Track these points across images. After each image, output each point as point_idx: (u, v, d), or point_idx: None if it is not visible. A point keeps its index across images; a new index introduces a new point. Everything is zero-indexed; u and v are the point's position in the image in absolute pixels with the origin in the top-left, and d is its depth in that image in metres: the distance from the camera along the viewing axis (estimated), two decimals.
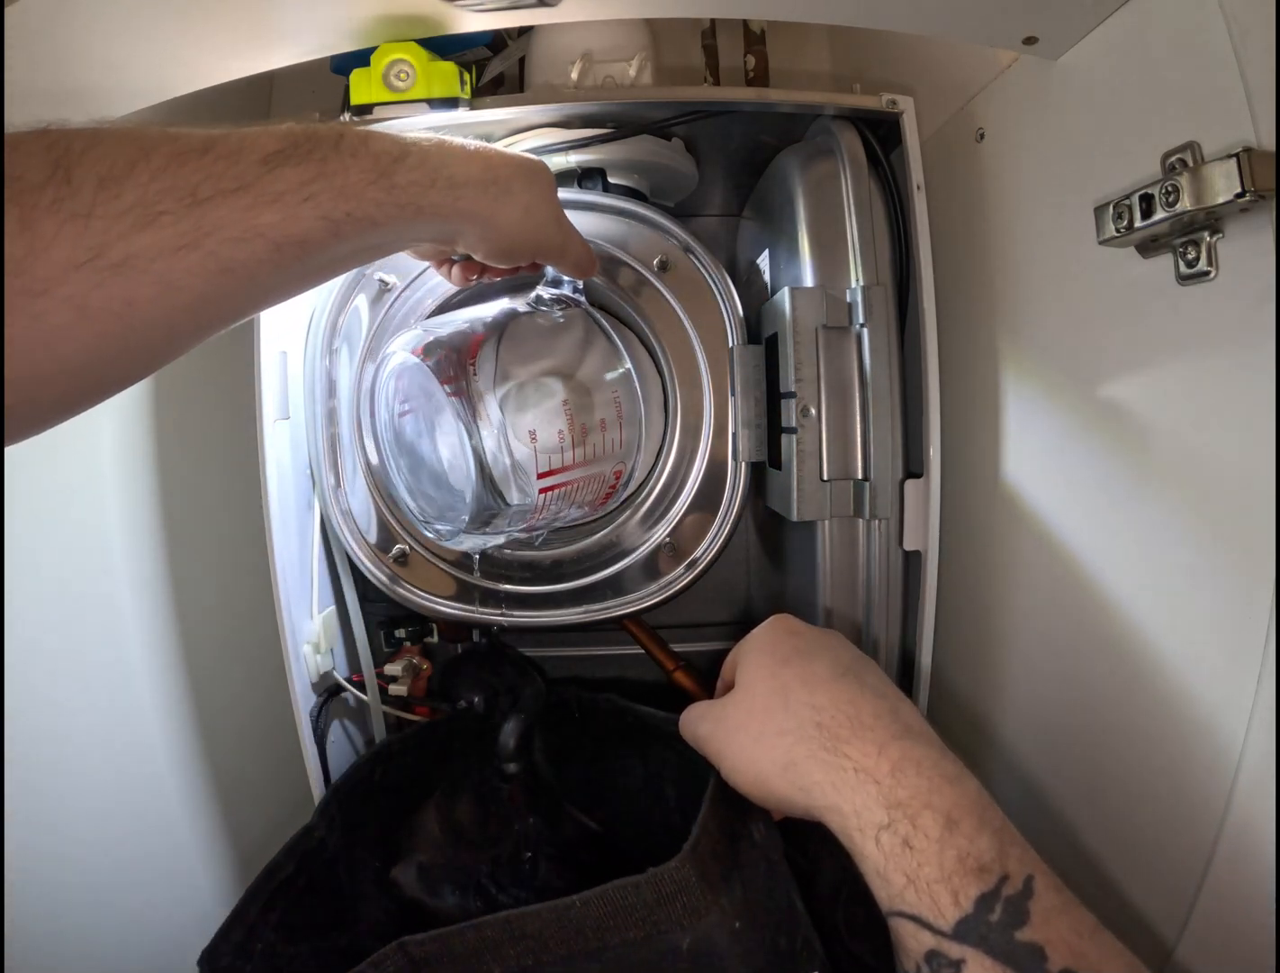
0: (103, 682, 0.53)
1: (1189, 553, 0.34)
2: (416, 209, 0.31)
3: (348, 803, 0.49)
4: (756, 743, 0.34)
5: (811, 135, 0.53)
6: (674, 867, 0.33)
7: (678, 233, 0.50)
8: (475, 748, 0.55)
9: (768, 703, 0.35)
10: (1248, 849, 0.31)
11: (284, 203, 0.27)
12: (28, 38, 0.37)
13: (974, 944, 0.25)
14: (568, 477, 0.45)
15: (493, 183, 0.34)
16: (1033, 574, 0.46)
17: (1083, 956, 0.25)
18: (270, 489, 0.50)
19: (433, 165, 0.32)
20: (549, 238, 0.39)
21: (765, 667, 0.37)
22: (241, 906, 0.40)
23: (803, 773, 0.31)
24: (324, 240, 0.28)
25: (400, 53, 0.45)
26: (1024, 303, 0.45)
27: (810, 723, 0.32)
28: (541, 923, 0.33)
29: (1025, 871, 0.27)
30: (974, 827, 0.28)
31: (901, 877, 0.27)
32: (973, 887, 0.26)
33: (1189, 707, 0.34)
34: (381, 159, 0.30)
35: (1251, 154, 0.29)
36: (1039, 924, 0.25)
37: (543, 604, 0.52)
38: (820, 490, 0.46)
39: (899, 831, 0.28)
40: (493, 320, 0.45)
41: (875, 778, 0.29)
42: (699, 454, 0.50)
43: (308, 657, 0.53)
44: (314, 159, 0.28)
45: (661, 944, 0.33)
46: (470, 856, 0.53)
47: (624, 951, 0.33)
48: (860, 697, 0.33)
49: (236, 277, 0.26)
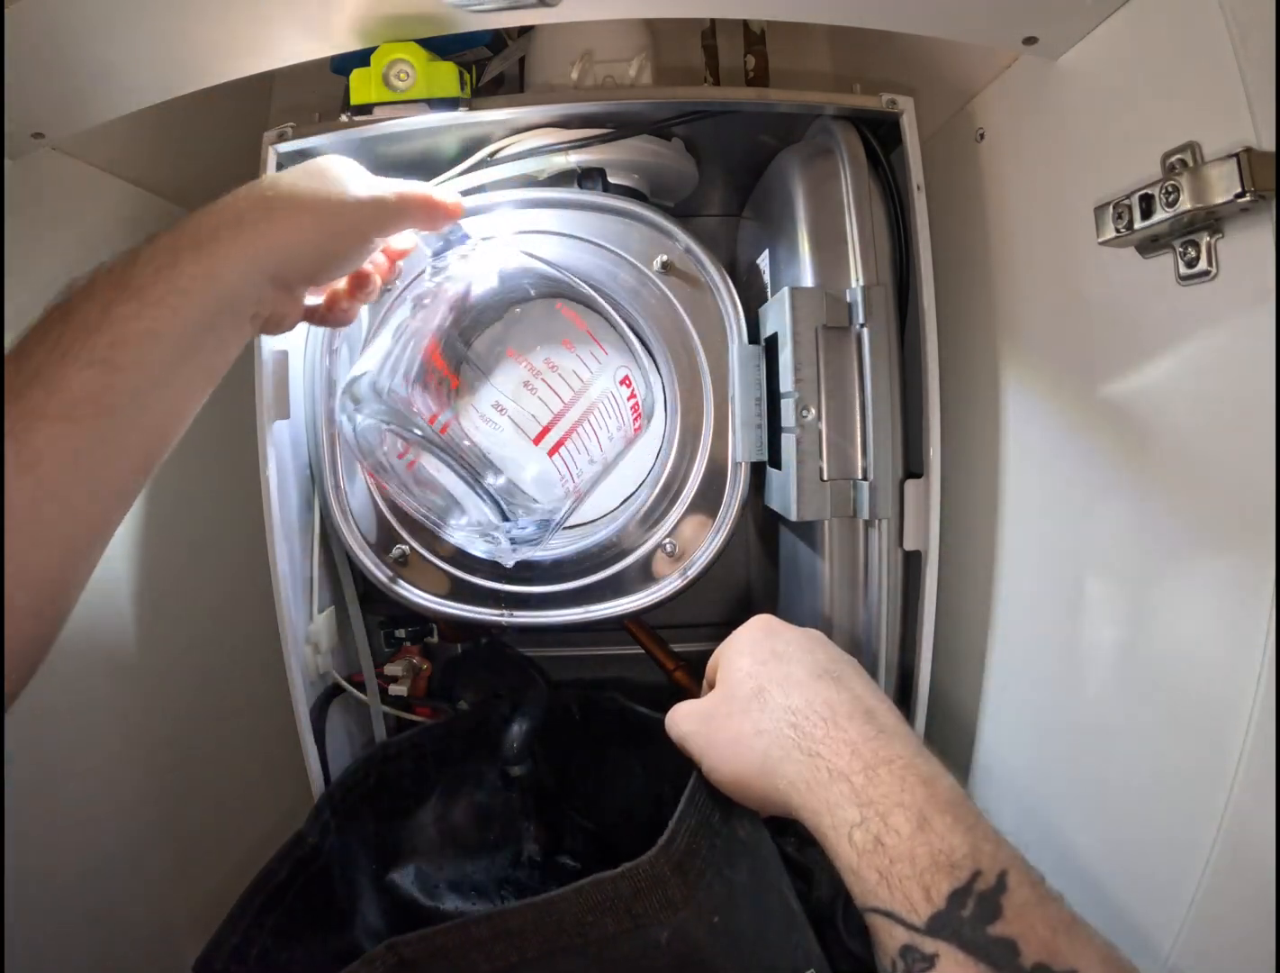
0: (102, 682, 0.53)
1: (1189, 552, 0.34)
2: (173, 311, 0.30)
3: (342, 808, 0.49)
4: (735, 743, 0.34)
5: (811, 135, 0.53)
6: (648, 861, 0.34)
7: (678, 233, 0.50)
8: (474, 751, 0.55)
9: (746, 704, 0.35)
10: (1248, 850, 0.31)
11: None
12: (28, 38, 0.37)
13: (947, 939, 0.25)
14: (568, 422, 0.44)
15: (242, 217, 0.32)
16: (1032, 574, 0.46)
17: (1056, 951, 0.25)
18: (270, 489, 0.50)
19: (161, 262, 0.30)
20: (364, 220, 0.36)
21: (743, 668, 0.37)
22: (235, 912, 0.41)
23: (778, 773, 0.32)
24: None
25: (400, 53, 0.45)
26: (1024, 303, 0.45)
27: (786, 724, 0.33)
28: (523, 920, 0.34)
29: (999, 866, 0.27)
30: (946, 825, 0.28)
31: (874, 873, 0.28)
32: (945, 882, 0.26)
33: (1188, 706, 0.34)
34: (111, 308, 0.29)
35: (1251, 154, 0.29)
36: (1012, 919, 0.25)
37: (543, 604, 0.52)
38: (820, 490, 0.46)
39: (871, 828, 0.28)
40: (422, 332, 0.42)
41: (848, 777, 0.30)
42: (699, 454, 0.50)
43: (308, 657, 0.53)
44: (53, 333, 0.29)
45: (642, 938, 0.34)
46: (469, 859, 0.53)
47: (605, 946, 0.34)
48: (836, 698, 0.34)
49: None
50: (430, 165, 0.53)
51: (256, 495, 0.50)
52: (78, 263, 0.52)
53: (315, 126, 0.50)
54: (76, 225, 0.52)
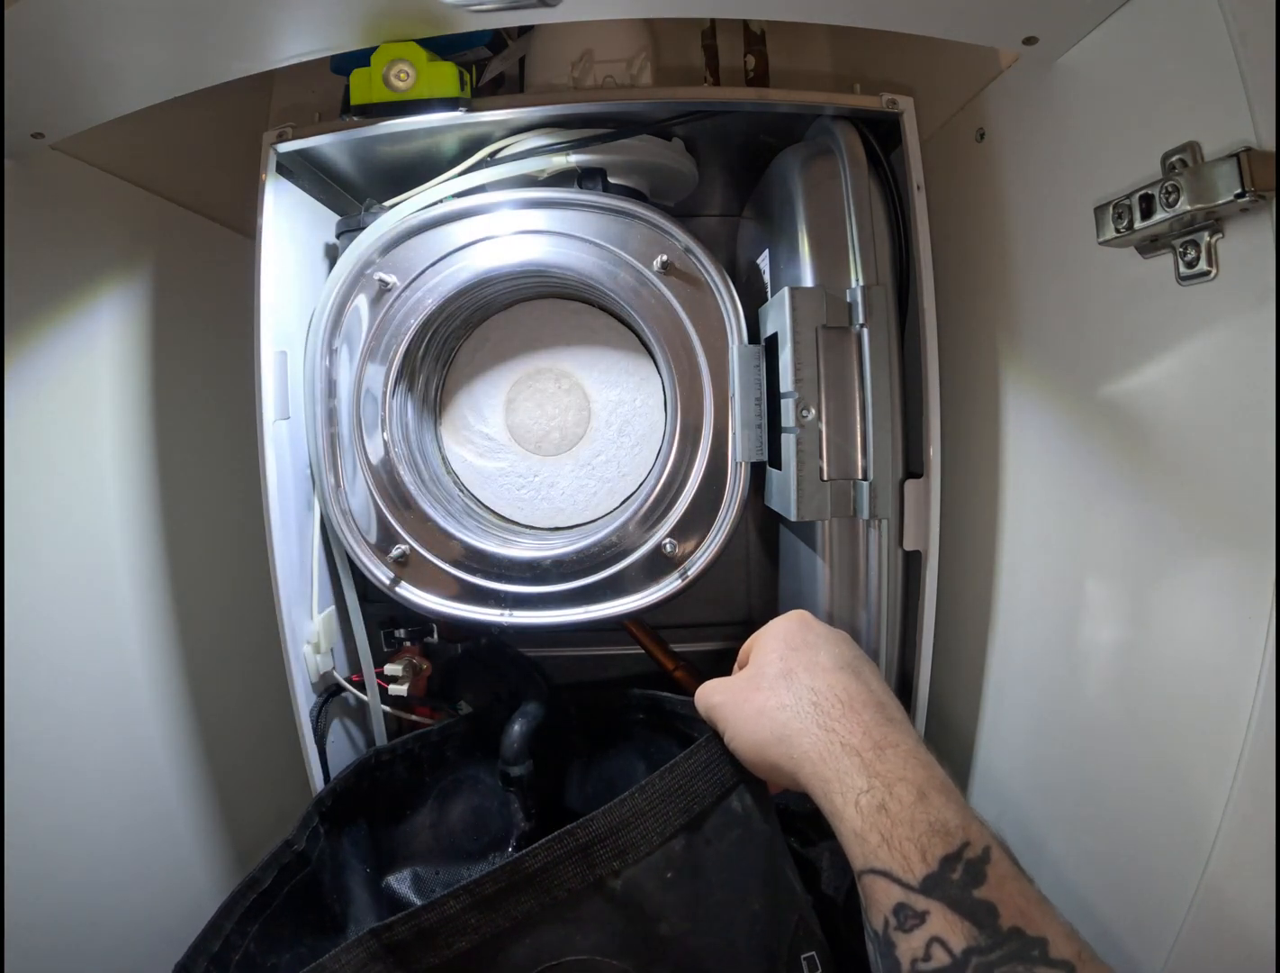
0: (103, 682, 0.53)
1: (1189, 552, 0.34)
2: None
3: (332, 814, 0.49)
4: (759, 714, 0.37)
5: (811, 135, 0.53)
6: (603, 812, 0.36)
7: (678, 233, 0.50)
8: (470, 755, 0.55)
9: (774, 682, 0.39)
10: (1247, 850, 0.31)
11: None
12: (28, 38, 0.36)
13: (938, 898, 0.28)
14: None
15: None
16: (1032, 573, 0.46)
17: (1030, 918, 0.28)
18: (270, 489, 0.50)
19: None
20: None
21: (776, 650, 0.41)
22: (216, 919, 0.41)
23: (795, 745, 0.35)
24: None
25: (400, 53, 0.45)
26: (1024, 303, 0.45)
27: (808, 702, 0.36)
28: (496, 885, 0.35)
29: (984, 841, 0.30)
30: (942, 801, 0.31)
31: (877, 835, 0.31)
32: (939, 847, 0.30)
33: (1189, 706, 0.34)
34: None
35: (1251, 154, 0.29)
36: (994, 886, 0.29)
37: (543, 604, 0.52)
38: (820, 490, 0.46)
39: (876, 795, 0.31)
40: None
41: (859, 752, 0.33)
42: (699, 454, 0.50)
43: (308, 657, 0.54)
44: None
45: (601, 893, 0.36)
46: (465, 862, 0.53)
47: (572, 905, 0.36)
48: (854, 687, 0.37)
49: None
50: (430, 165, 0.53)
51: (256, 496, 0.50)
52: (78, 263, 0.52)
53: (315, 126, 0.50)
54: (76, 225, 0.52)
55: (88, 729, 0.52)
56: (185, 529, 0.61)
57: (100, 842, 0.51)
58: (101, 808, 0.52)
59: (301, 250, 0.55)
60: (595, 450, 0.58)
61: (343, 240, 0.56)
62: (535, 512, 0.59)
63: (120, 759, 0.54)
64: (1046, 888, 0.30)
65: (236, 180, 0.58)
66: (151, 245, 0.59)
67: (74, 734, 0.51)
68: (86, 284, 0.53)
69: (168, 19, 0.37)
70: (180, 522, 0.60)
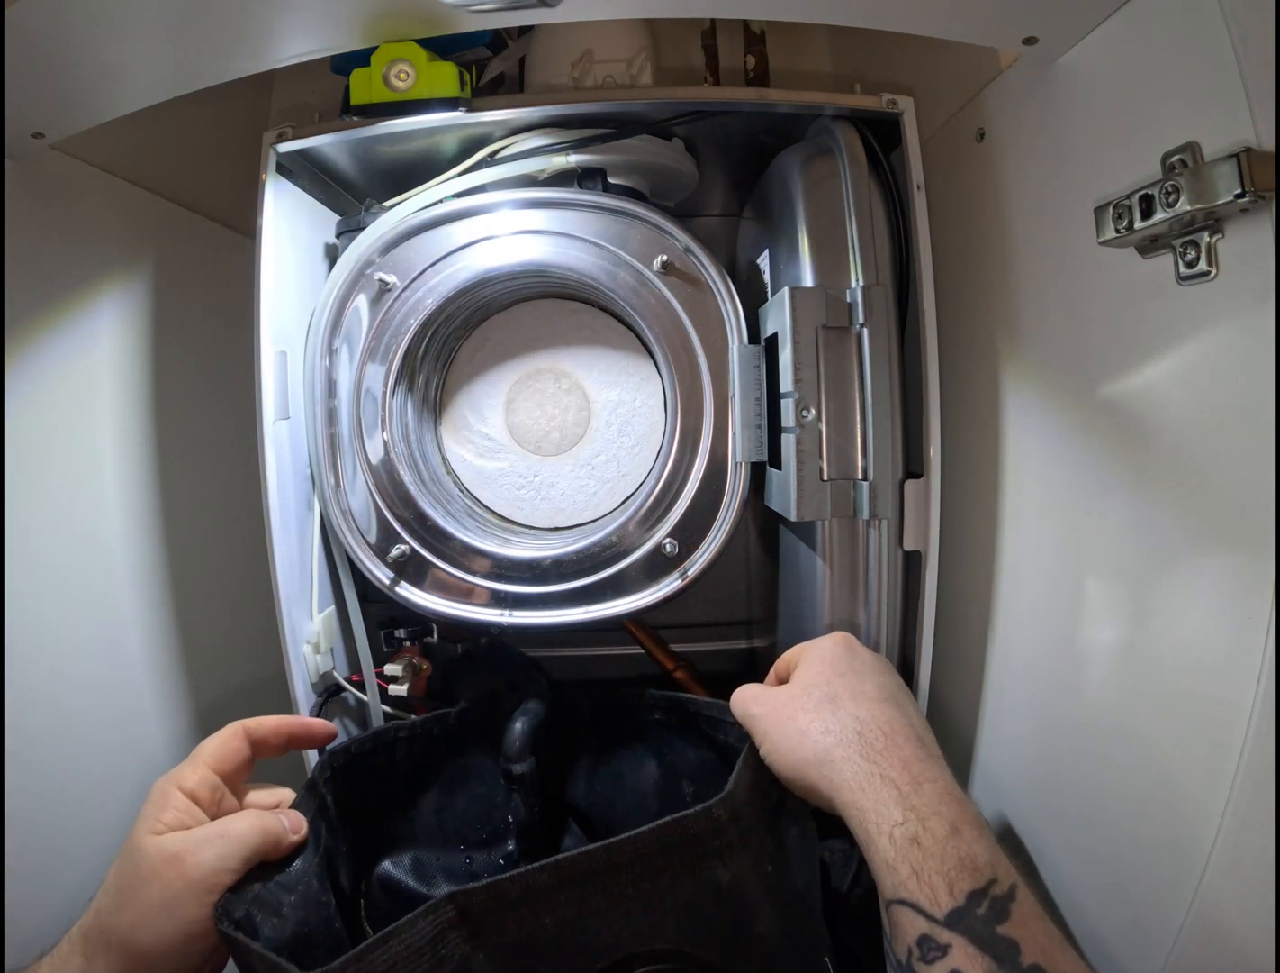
0: (103, 682, 0.53)
1: (1189, 552, 0.34)
2: None
3: (343, 773, 0.48)
4: (802, 735, 0.38)
5: (811, 135, 0.53)
6: (707, 808, 0.36)
7: (678, 233, 0.50)
8: (481, 743, 0.55)
9: (819, 704, 0.39)
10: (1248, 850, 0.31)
11: None
12: (28, 38, 0.36)
13: (961, 932, 0.29)
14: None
15: None
16: (1032, 573, 0.46)
17: (1051, 957, 0.28)
18: (270, 489, 0.50)
19: None
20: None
21: (823, 673, 0.41)
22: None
23: (836, 770, 0.36)
24: None
25: (400, 53, 0.45)
26: (1024, 303, 0.45)
27: (852, 731, 0.37)
28: (584, 868, 0.35)
29: (1011, 880, 0.31)
30: (973, 837, 0.32)
31: (907, 867, 0.31)
32: (966, 882, 0.30)
33: (1189, 706, 0.34)
34: None
35: (1251, 154, 0.29)
36: (1017, 923, 0.29)
37: (543, 604, 0.52)
38: (820, 490, 0.46)
39: (910, 829, 0.32)
40: None
41: (897, 785, 0.34)
42: (699, 454, 0.50)
43: (308, 657, 0.53)
44: None
45: (700, 883, 0.36)
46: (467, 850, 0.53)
47: (666, 893, 0.35)
48: (897, 720, 0.38)
49: None
50: (430, 165, 0.53)
51: (256, 496, 0.50)
52: (78, 263, 0.52)
53: (315, 127, 0.50)
54: (76, 225, 0.52)
55: (88, 730, 0.52)
56: (185, 529, 0.61)
57: (100, 842, 0.51)
58: (102, 808, 0.52)
59: (301, 250, 0.55)
60: (595, 450, 0.58)
61: (343, 240, 0.56)
62: (535, 512, 0.59)
63: (120, 760, 0.54)
64: (1044, 888, 0.30)
65: (236, 180, 0.58)
66: (151, 245, 0.59)
67: (74, 735, 0.51)
68: (86, 284, 0.53)
69: (168, 19, 0.37)
70: (180, 522, 0.60)
